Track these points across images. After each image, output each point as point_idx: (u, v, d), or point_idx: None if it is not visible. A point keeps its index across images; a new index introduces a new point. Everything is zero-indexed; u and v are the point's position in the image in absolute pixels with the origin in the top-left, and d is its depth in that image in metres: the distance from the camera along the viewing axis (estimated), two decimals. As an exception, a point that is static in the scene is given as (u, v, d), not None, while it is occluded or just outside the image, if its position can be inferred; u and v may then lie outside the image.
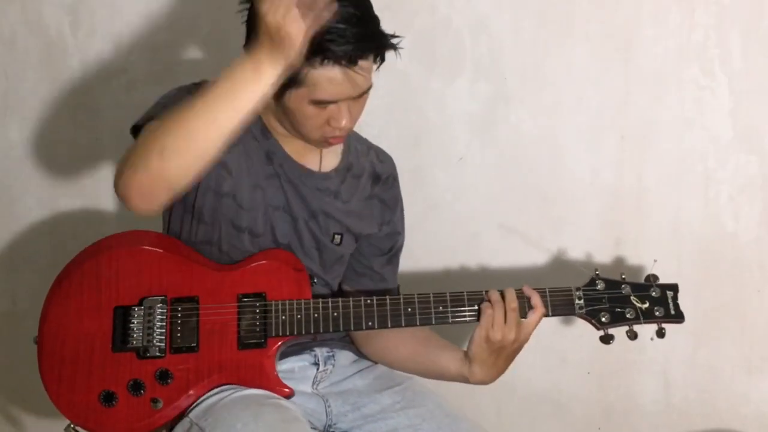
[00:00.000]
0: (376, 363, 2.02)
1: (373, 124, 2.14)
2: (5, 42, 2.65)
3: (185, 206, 1.88)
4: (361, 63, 1.71)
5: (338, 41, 1.67)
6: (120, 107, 2.54)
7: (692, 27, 2.32)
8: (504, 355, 1.82)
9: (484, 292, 1.82)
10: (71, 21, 2.60)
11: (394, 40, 1.74)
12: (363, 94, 1.76)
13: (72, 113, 2.64)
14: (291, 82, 1.69)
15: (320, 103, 1.73)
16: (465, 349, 1.87)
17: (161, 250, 1.85)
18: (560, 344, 2.49)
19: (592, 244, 2.41)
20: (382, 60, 1.76)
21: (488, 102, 2.45)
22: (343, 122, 1.76)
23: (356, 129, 1.90)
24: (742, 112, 2.33)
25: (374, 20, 1.74)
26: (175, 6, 2.57)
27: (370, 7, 1.74)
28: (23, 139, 2.67)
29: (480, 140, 2.47)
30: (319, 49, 1.66)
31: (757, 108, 2.32)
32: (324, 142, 1.84)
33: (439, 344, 1.93)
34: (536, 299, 1.80)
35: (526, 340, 1.82)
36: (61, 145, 2.62)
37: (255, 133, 1.87)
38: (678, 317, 1.84)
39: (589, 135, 2.42)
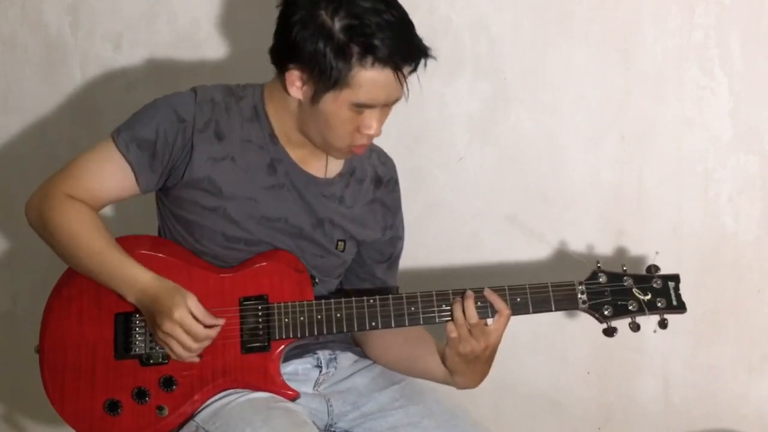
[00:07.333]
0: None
1: (373, 125, 2.14)
2: (5, 42, 2.65)
3: (176, 218, 1.88)
4: (405, 69, 1.73)
5: (389, 44, 1.69)
6: (120, 107, 2.51)
7: (692, 27, 2.32)
8: (481, 361, 1.82)
9: (451, 294, 1.80)
10: (71, 21, 2.60)
11: (430, 51, 1.77)
12: (394, 102, 1.78)
13: (72, 113, 2.64)
14: (335, 84, 1.70)
15: (360, 107, 1.74)
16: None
17: (160, 254, 1.85)
18: (560, 344, 2.49)
19: (592, 244, 2.41)
20: (415, 69, 1.77)
21: (488, 102, 2.45)
22: (374, 129, 1.77)
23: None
24: (742, 112, 2.32)
25: (414, 28, 1.77)
26: (175, 6, 2.57)
27: (408, 15, 1.77)
28: (23, 139, 2.67)
29: (480, 140, 2.47)
30: (371, 51, 1.68)
31: (757, 108, 2.32)
32: (348, 151, 1.83)
33: (429, 350, 1.91)
34: (499, 303, 1.79)
35: (497, 343, 1.81)
36: (61, 145, 2.62)
37: (261, 141, 1.86)
38: (680, 308, 1.84)
39: (589, 135, 2.42)
